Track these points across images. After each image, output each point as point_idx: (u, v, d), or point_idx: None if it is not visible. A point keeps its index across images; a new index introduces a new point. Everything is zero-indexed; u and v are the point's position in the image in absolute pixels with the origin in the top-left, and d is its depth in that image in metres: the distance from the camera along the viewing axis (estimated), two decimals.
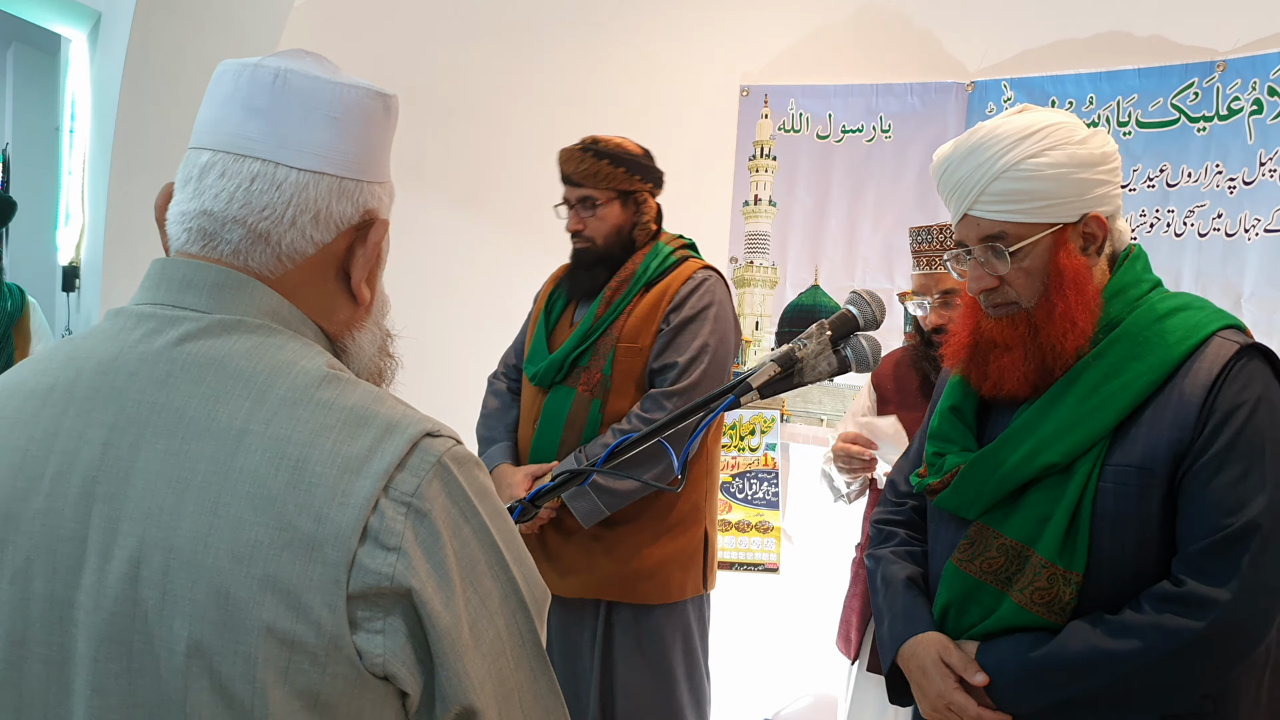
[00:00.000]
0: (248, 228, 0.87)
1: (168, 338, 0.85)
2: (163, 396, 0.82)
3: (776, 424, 3.69)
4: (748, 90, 3.75)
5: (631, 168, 2.41)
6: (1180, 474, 1.38)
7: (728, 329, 2.41)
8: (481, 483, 0.86)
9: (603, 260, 2.43)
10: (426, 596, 0.79)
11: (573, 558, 2.35)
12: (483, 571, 0.84)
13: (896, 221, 3.52)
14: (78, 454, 0.82)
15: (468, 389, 2.81)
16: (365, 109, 0.93)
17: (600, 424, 2.35)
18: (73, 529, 0.81)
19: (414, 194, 3.97)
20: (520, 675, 0.86)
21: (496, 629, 0.84)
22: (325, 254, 0.91)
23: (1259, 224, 2.96)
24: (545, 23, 3.89)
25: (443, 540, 0.81)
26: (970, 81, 3.44)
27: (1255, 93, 2.97)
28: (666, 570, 2.35)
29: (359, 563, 0.78)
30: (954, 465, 1.52)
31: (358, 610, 0.78)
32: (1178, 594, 1.34)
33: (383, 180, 0.97)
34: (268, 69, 0.89)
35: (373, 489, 0.79)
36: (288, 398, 0.82)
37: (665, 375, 2.34)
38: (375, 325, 0.99)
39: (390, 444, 0.81)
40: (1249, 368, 1.38)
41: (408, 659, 0.80)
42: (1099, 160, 1.43)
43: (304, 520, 0.78)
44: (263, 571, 0.77)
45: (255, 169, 0.87)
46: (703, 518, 2.42)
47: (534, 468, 2.38)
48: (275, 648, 0.77)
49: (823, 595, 3.30)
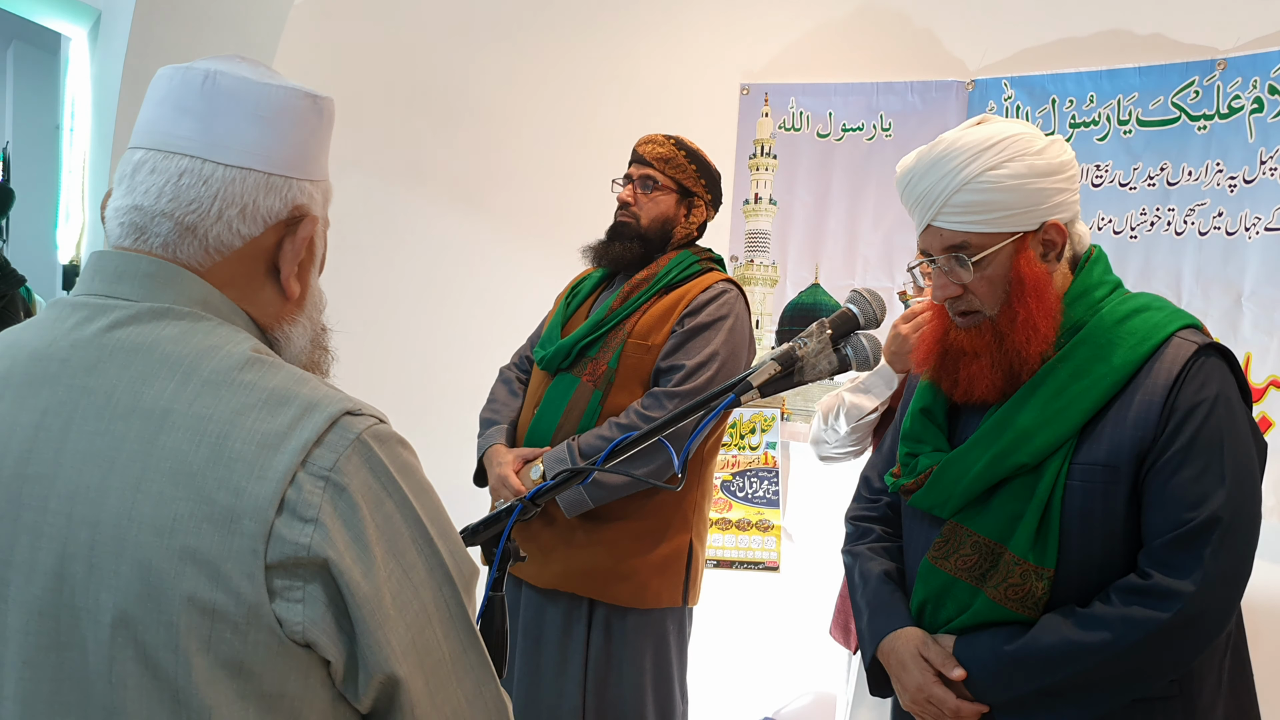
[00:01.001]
0: (175, 221, 0.90)
1: (99, 325, 0.89)
2: (92, 380, 0.86)
3: (777, 422, 3.69)
4: (748, 89, 3.75)
5: (703, 172, 2.48)
6: (1144, 471, 1.44)
7: (741, 344, 2.41)
8: (404, 460, 0.89)
9: (639, 239, 2.44)
10: (344, 566, 0.82)
11: (552, 547, 2.35)
12: (406, 545, 0.87)
13: (897, 220, 3.52)
14: (11, 437, 0.86)
15: (468, 387, 2.81)
16: (294, 109, 0.95)
17: (599, 416, 2.35)
18: (5, 508, 0.85)
19: (414, 193, 3.97)
20: (450, 646, 0.89)
21: (422, 601, 0.87)
22: (254, 248, 0.94)
23: (1259, 222, 2.96)
24: (546, 22, 3.89)
25: (362, 513, 0.84)
26: (971, 80, 3.44)
27: (1256, 91, 2.97)
28: (642, 575, 2.33)
29: (276, 534, 0.81)
30: (927, 466, 1.57)
31: (276, 580, 0.81)
32: (1144, 586, 1.40)
33: (315, 179, 0.99)
34: (198, 70, 0.93)
35: (290, 463, 0.82)
36: (211, 379, 0.85)
37: (670, 376, 2.34)
38: (308, 319, 1.01)
39: (309, 421, 0.84)
40: (1207, 366, 1.44)
41: (328, 627, 0.83)
42: (1056, 169, 1.48)
43: (223, 494, 0.81)
44: (183, 544, 0.81)
45: (184, 165, 0.91)
46: (688, 528, 2.40)
47: (525, 451, 2.39)
48: (197, 617, 0.80)
49: (823, 593, 3.30)
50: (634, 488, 2.29)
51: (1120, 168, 3.17)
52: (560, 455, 2.32)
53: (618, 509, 2.33)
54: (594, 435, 2.32)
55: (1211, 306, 3.01)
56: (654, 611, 2.37)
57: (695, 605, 2.47)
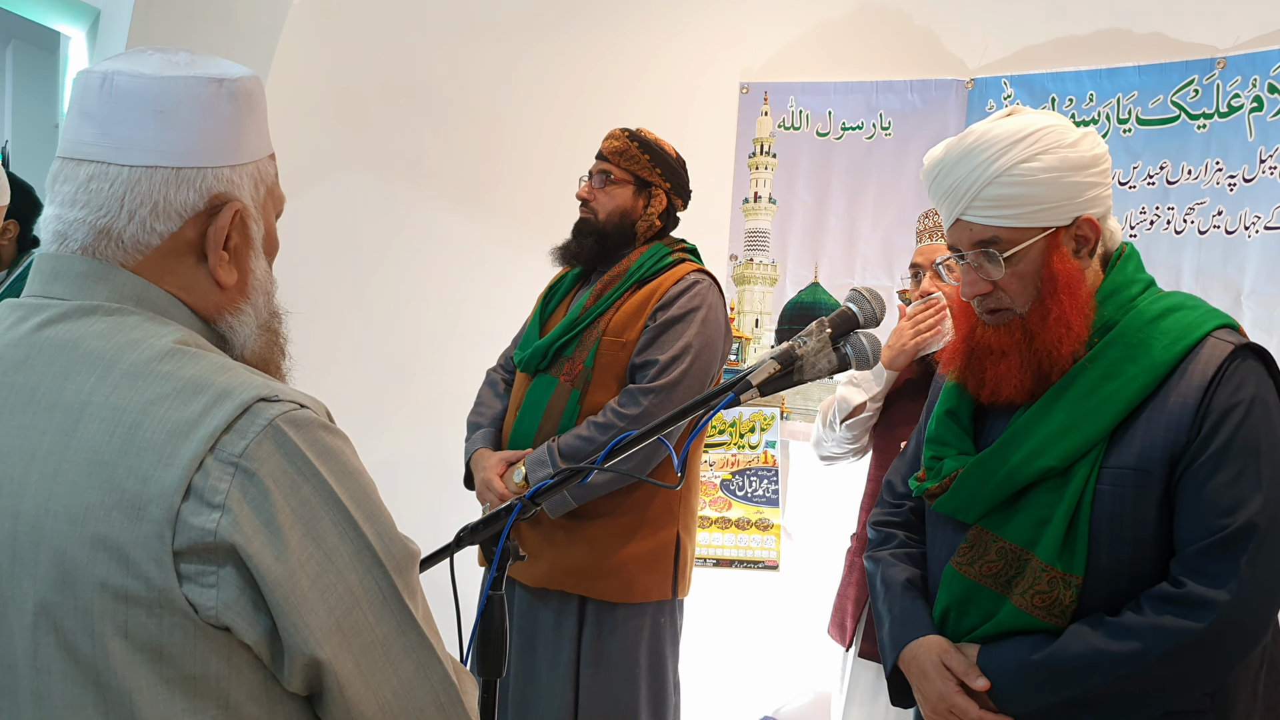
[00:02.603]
0: (89, 225, 0.92)
1: (31, 324, 0.91)
2: (19, 377, 0.89)
3: (776, 421, 3.69)
4: (747, 87, 3.74)
5: (656, 160, 2.45)
6: (1177, 476, 1.38)
7: (715, 335, 2.39)
8: (326, 444, 0.89)
9: (597, 235, 2.44)
10: (254, 550, 0.83)
11: (539, 546, 2.36)
12: (327, 528, 0.87)
13: (896, 219, 3.52)
14: None
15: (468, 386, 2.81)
16: (196, 98, 0.93)
17: (578, 415, 2.35)
18: None
19: (413, 192, 3.96)
20: (384, 628, 0.90)
21: (348, 583, 0.88)
22: (176, 242, 0.94)
23: (1259, 221, 2.96)
24: (545, 21, 3.89)
25: (273, 498, 0.84)
26: (970, 79, 3.44)
27: (1255, 90, 2.97)
28: (630, 569, 2.33)
29: (182, 519, 0.82)
30: (952, 469, 1.52)
31: (185, 564, 0.83)
32: (1177, 595, 1.34)
33: (236, 163, 0.96)
34: (96, 74, 0.93)
35: (198, 450, 0.83)
36: (129, 371, 0.87)
37: (645, 371, 2.34)
38: (251, 306, 1.00)
39: (220, 409, 0.85)
40: (1243, 368, 1.39)
41: (243, 610, 0.84)
42: (1090, 163, 1.43)
43: (131, 482, 0.83)
44: (94, 531, 0.83)
45: (91, 171, 0.92)
46: (675, 521, 2.40)
47: (508, 454, 2.40)
48: (110, 602, 0.82)
49: (823, 593, 3.30)
50: (611, 486, 2.30)
51: (1120, 166, 3.16)
52: (541, 457, 2.33)
53: (600, 506, 2.33)
54: (573, 435, 2.32)
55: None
56: (644, 605, 2.37)
57: (685, 597, 2.48)
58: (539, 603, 2.40)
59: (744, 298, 3.74)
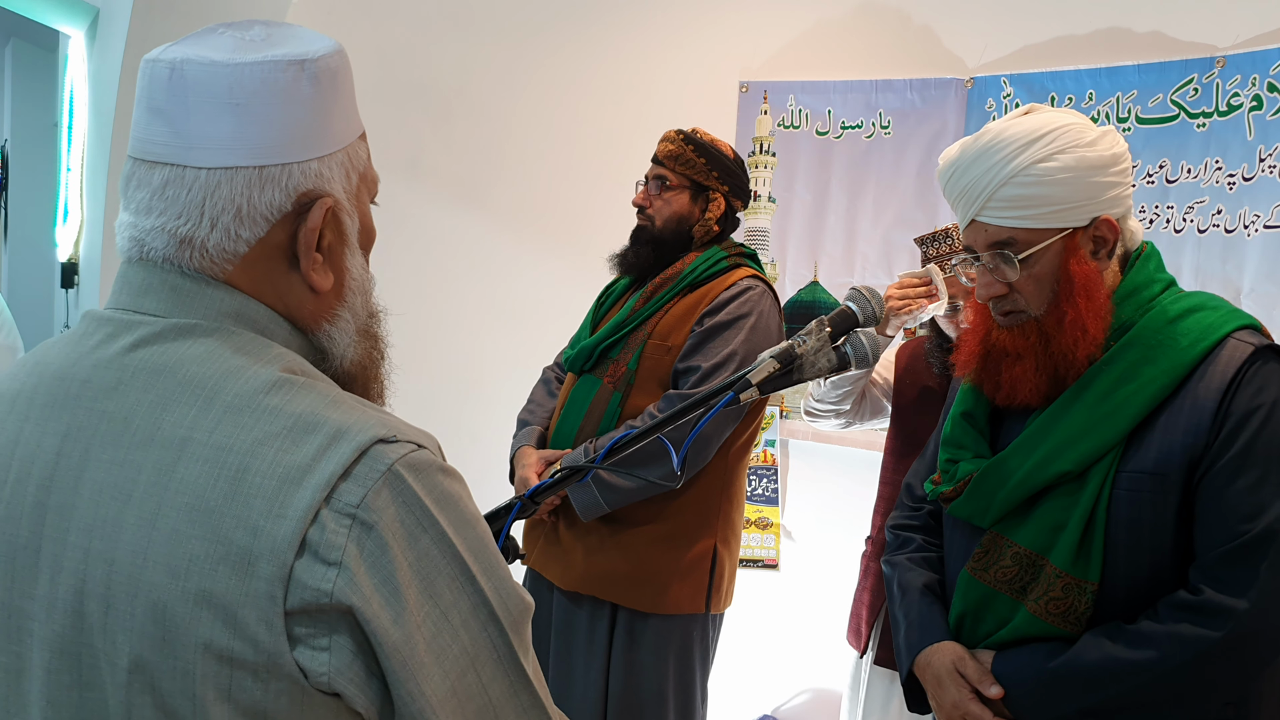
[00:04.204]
0: (169, 234, 0.83)
1: (122, 343, 0.83)
2: (111, 405, 0.81)
3: (776, 420, 3.69)
4: (747, 86, 3.74)
5: (713, 163, 2.39)
6: (1196, 480, 1.34)
7: (764, 344, 2.29)
8: (445, 489, 0.82)
9: (655, 243, 2.40)
10: (371, 613, 0.76)
11: (573, 550, 2.33)
12: (444, 585, 0.80)
13: (896, 218, 3.52)
14: (34, 462, 0.82)
15: (468, 384, 2.81)
16: (275, 85, 0.83)
17: (619, 417, 2.31)
18: (28, 538, 0.81)
19: (414, 191, 3.96)
20: (496, 690, 0.83)
21: (462, 644, 0.81)
22: (265, 248, 0.85)
23: (1259, 220, 2.96)
24: (545, 19, 3.89)
25: (392, 553, 0.77)
26: (970, 77, 3.44)
27: (1255, 89, 2.97)
28: (663, 579, 2.28)
29: (296, 578, 0.75)
30: (967, 473, 1.50)
31: (297, 627, 0.75)
32: (1195, 603, 1.31)
33: (323, 153, 0.87)
34: (163, 63, 0.83)
35: (312, 500, 0.76)
36: (233, 404, 0.79)
37: (687, 378, 2.28)
38: (348, 310, 0.92)
39: (336, 452, 0.77)
40: (1265, 370, 1.35)
41: (355, 676, 0.77)
42: (1109, 162, 1.40)
43: (239, 534, 0.75)
44: (198, 587, 0.75)
45: (166, 175, 0.83)
46: (713, 533, 2.33)
47: (549, 453, 2.37)
48: (214, 664, 0.75)
49: (823, 591, 3.30)
50: (646, 492, 2.23)
51: None
52: (577, 458, 2.29)
53: (637, 512, 2.28)
54: (609, 439, 2.28)
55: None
56: (676, 617, 2.31)
57: (722, 611, 2.42)
58: (574, 607, 2.36)
59: None
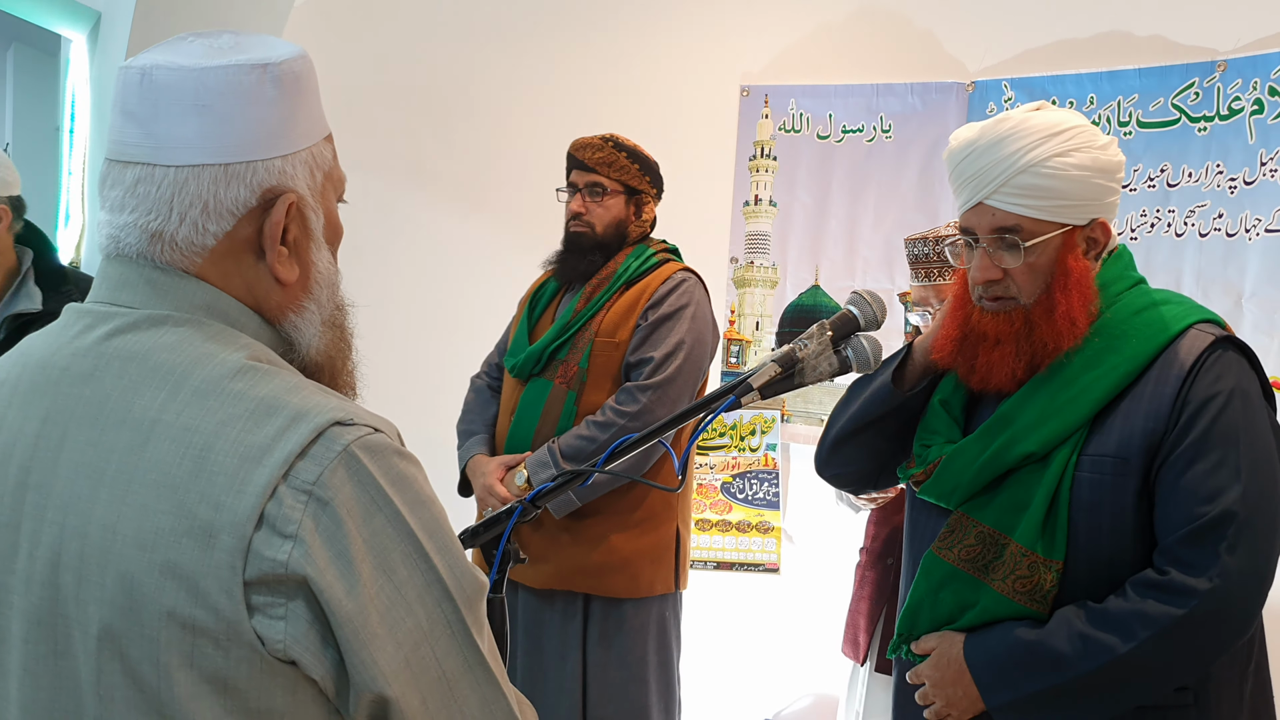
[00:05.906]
0: (141, 229, 0.89)
1: (98, 333, 0.88)
2: (88, 390, 0.86)
3: (777, 424, 3.69)
4: (748, 90, 3.74)
5: (645, 169, 2.51)
6: (1156, 465, 1.40)
7: (704, 329, 2.47)
8: (400, 471, 0.86)
9: (598, 248, 2.48)
10: (325, 584, 0.80)
11: (543, 547, 2.38)
12: (398, 561, 0.84)
13: (897, 221, 3.52)
14: (15, 445, 0.87)
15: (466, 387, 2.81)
16: (239, 87, 0.88)
17: (575, 416, 2.40)
18: (9, 516, 0.86)
19: (413, 193, 3.96)
20: (451, 664, 0.87)
21: (416, 618, 0.85)
22: (233, 242, 0.90)
23: (1260, 224, 2.96)
24: (545, 23, 3.89)
25: (346, 529, 0.81)
26: (971, 81, 3.44)
27: (1256, 93, 2.97)
28: (636, 564, 2.39)
29: (254, 550, 0.79)
30: (937, 456, 1.54)
31: (255, 596, 0.80)
32: (1161, 581, 1.36)
33: (288, 152, 0.92)
34: (135, 69, 0.89)
35: (271, 477, 0.80)
36: (200, 389, 0.84)
37: (641, 369, 2.39)
38: (314, 302, 0.96)
39: (294, 432, 0.82)
40: (1224, 359, 1.41)
41: (311, 645, 0.81)
42: (1114, 168, 1.47)
43: (203, 508, 0.80)
44: (164, 558, 0.80)
45: (137, 174, 0.89)
46: (674, 515, 2.46)
47: (507, 458, 2.43)
48: (177, 632, 0.80)
49: (823, 596, 3.30)
50: (612, 484, 2.34)
51: None
52: (542, 459, 2.36)
53: (602, 504, 2.37)
54: (573, 436, 2.37)
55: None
56: (650, 600, 2.42)
57: (685, 590, 2.53)
58: (544, 604, 2.43)
59: (744, 300, 3.74)
